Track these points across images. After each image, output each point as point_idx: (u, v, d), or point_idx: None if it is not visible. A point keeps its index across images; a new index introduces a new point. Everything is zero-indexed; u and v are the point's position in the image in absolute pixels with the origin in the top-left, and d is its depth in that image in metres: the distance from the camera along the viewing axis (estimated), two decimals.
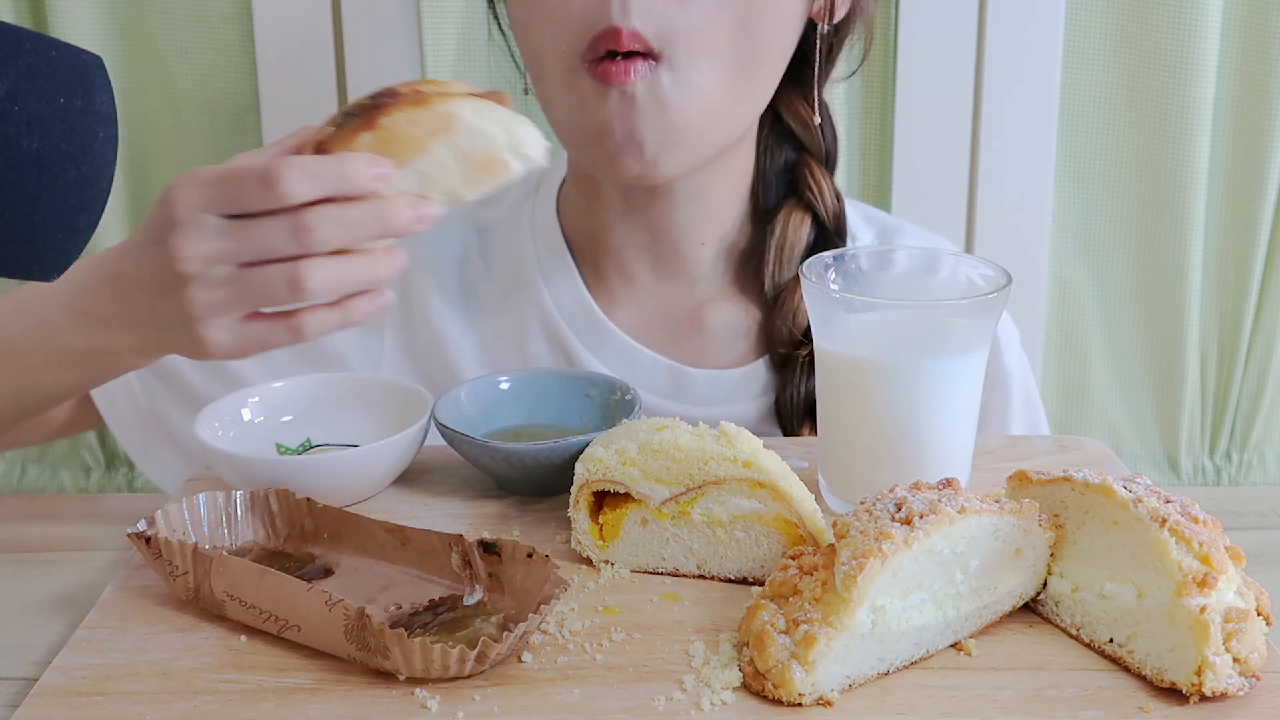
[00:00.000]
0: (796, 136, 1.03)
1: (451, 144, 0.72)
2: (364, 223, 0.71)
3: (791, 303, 1.00)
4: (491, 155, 0.73)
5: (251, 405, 0.88)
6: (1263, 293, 1.39)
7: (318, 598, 0.64)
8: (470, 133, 0.73)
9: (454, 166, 0.73)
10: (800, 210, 1.02)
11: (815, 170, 1.03)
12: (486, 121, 0.73)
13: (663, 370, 1.02)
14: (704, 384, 1.02)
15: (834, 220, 1.02)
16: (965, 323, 0.77)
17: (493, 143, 0.73)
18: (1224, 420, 1.44)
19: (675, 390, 1.02)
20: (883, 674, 0.64)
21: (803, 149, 1.03)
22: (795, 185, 1.03)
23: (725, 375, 1.02)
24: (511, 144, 0.73)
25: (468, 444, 0.81)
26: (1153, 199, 1.36)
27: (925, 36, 1.32)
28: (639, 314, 1.04)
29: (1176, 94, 1.30)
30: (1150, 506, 0.64)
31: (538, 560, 0.68)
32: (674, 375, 1.02)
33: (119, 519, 0.84)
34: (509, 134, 0.73)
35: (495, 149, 0.73)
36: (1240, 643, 0.61)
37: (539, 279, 1.04)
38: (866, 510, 0.65)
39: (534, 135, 0.75)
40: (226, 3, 1.32)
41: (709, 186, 0.98)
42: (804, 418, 1.00)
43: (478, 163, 0.73)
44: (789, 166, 1.03)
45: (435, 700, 0.62)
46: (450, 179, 0.73)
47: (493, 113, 0.74)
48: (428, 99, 0.73)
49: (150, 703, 0.62)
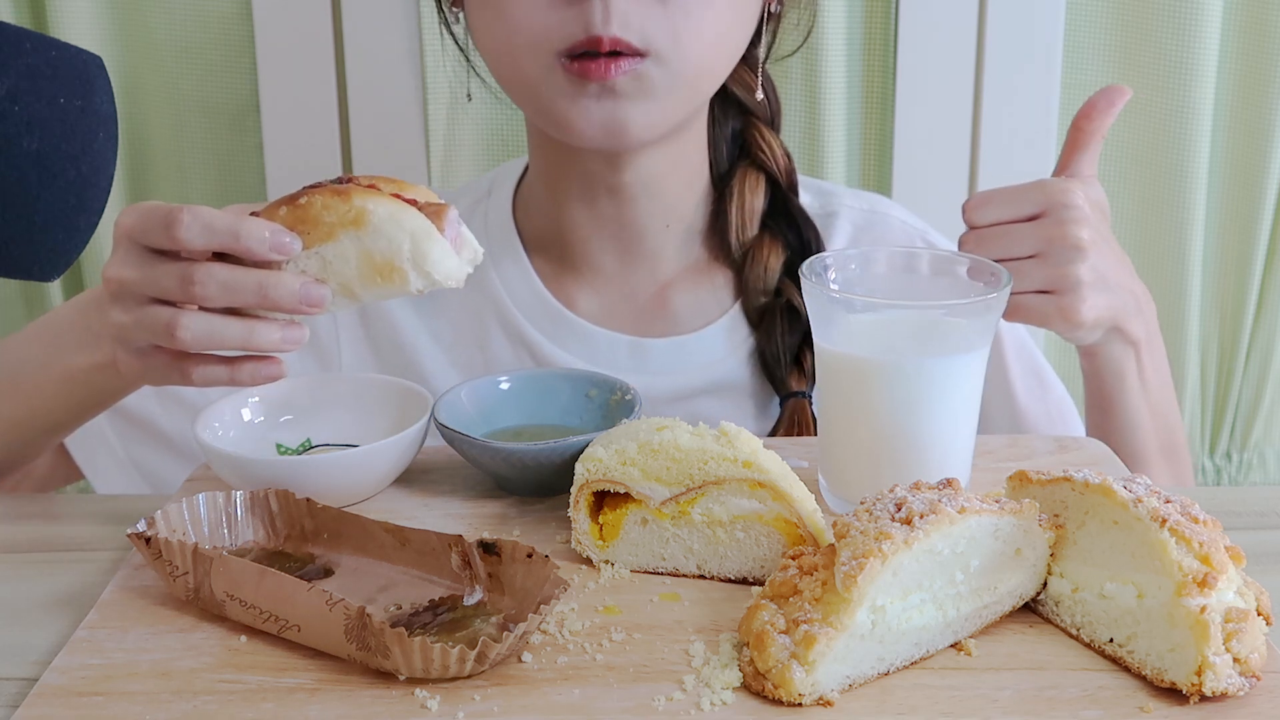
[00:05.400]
0: (742, 103, 1.06)
1: (358, 239, 0.72)
2: (245, 287, 0.72)
3: (761, 257, 1.03)
4: (392, 263, 0.72)
5: (251, 405, 0.88)
6: (1263, 293, 1.39)
7: (318, 598, 0.64)
8: (376, 234, 0.72)
9: (354, 262, 0.73)
10: (754, 170, 1.06)
11: (763, 131, 1.07)
12: (396, 228, 0.72)
13: (622, 347, 1.05)
14: (665, 353, 1.04)
15: (786, 176, 1.07)
16: (965, 323, 0.77)
17: (396, 251, 0.72)
18: (1224, 420, 1.44)
19: (637, 364, 1.04)
20: (883, 674, 0.64)
21: (748, 113, 1.07)
22: (746, 148, 1.07)
23: (687, 340, 1.05)
24: (415, 257, 0.73)
25: (468, 444, 0.81)
26: (1153, 199, 1.36)
27: (925, 36, 1.32)
28: (604, 300, 1.06)
29: (1176, 94, 1.30)
30: (1150, 506, 0.64)
31: (538, 560, 0.68)
32: (634, 349, 1.05)
33: (119, 519, 0.84)
34: (416, 247, 0.72)
35: (396, 257, 0.72)
36: (1240, 643, 0.61)
37: (494, 277, 1.06)
38: (866, 510, 0.65)
39: (446, 257, 0.74)
40: (226, 3, 1.32)
41: (668, 174, 1.01)
42: (791, 367, 1.02)
43: (377, 265, 0.73)
44: (736, 133, 1.07)
45: (435, 700, 0.62)
46: (348, 273, 0.73)
47: (410, 222, 0.73)
48: (348, 192, 0.73)
49: (150, 703, 0.62)
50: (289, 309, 0.73)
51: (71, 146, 0.58)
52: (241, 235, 0.71)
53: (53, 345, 0.86)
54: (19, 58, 0.56)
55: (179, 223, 0.72)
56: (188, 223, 0.72)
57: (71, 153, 0.58)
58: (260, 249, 0.72)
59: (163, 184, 1.39)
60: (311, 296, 0.72)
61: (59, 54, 0.58)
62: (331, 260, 0.73)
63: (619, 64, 0.87)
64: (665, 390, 1.03)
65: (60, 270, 0.62)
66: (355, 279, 0.73)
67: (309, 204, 0.73)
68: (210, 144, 1.37)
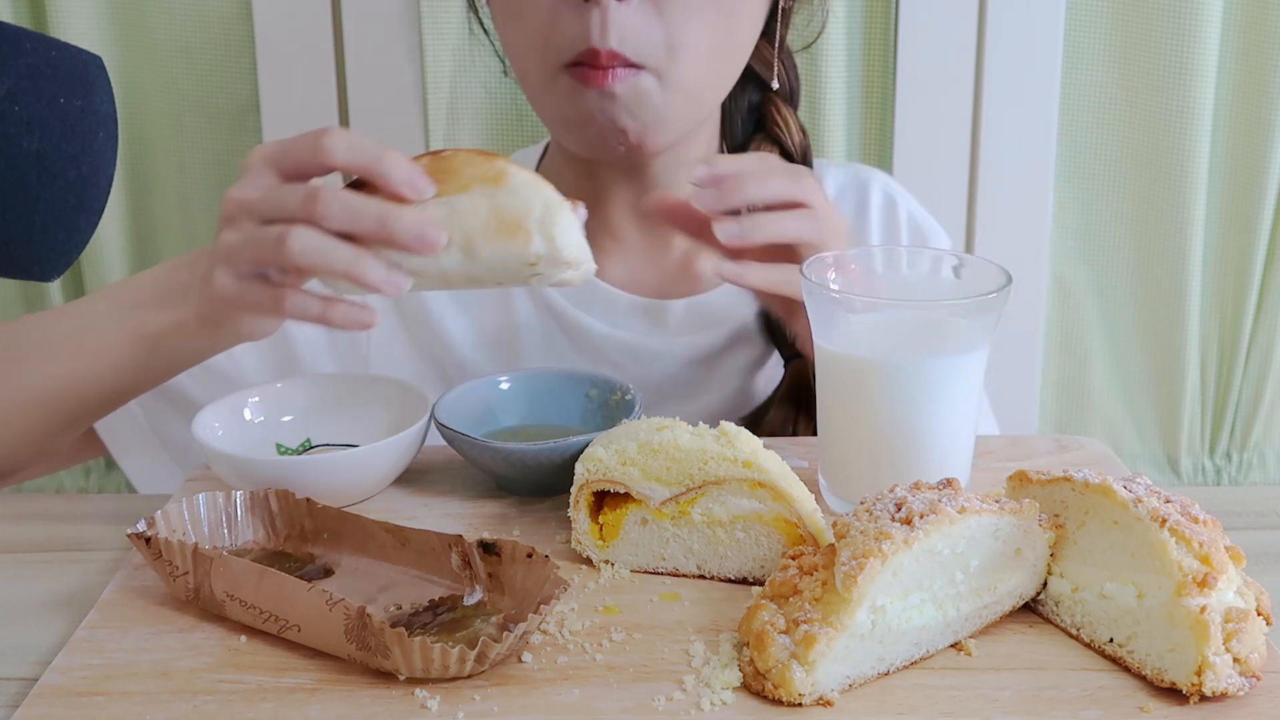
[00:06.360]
0: (760, 78, 1.07)
1: (491, 195, 0.73)
2: (367, 212, 0.72)
3: None
4: (520, 221, 0.73)
5: (251, 405, 0.88)
6: (1263, 293, 1.39)
7: (318, 598, 0.64)
8: (511, 193, 0.73)
9: (483, 215, 0.73)
10: (768, 144, 1.07)
11: (780, 107, 1.08)
12: (532, 192, 0.74)
13: (642, 309, 1.07)
14: (685, 312, 1.06)
15: (801, 154, 1.07)
16: (965, 323, 0.77)
17: (527, 211, 0.73)
18: (1224, 420, 1.44)
19: (657, 324, 1.06)
20: (883, 674, 0.64)
21: (766, 89, 1.08)
22: (762, 122, 1.08)
23: (706, 299, 1.07)
24: (544, 222, 0.73)
25: (468, 444, 0.81)
26: (1153, 199, 1.36)
27: (925, 36, 1.32)
28: (629, 266, 1.08)
29: (1176, 94, 1.31)
30: (1150, 506, 0.64)
31: (538, 560, 0.68)
32: (655, 311, 1.06)
33: (119, 519, 0.84)
34: (547, 213, 0.73)
35: (525, 218, 0.73)
36: (1240, 643, 0.61)
37: None
38: (866, 510, 0.65)
39: (572, 230, 0.75)
40: (226, 3, 1.32)
41: (687, 151, 1.02)
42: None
43: (505, 222, 0.73)
44: (754, 106, 1.08)
45: (435, 700, 0.62)
46: (474, 225, 0.73)
47: (546, 191, 0.74)
48: (493, 155, 0.75)
49: (150, 703, 0.62)
50: (404, 243, 0.72)
51: (71, 146, 0.58)
52: (385, 159, 0.73)
53: (128, 304, 0.85)
54: (19, 58, 0.56)
55: (328, 133, 0.74)
56: (337, 135, 0.74)
57: (71, 153, 0.58)
58: (399, 176, 0.73)
59: (163, 184, 1.39)
60: (428, 236, 0.72)
61: (59, 54, 0.58)
62: (461, 210, 0.73)
63: (616, 73, 0.89)
64: (687, 348, 1.06)
65: (60, 270, 0.62)
66: (480, 232, 0.73)
67: (451, 156, 0.75)
68: (210, 144, 1.37)
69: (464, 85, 1.33)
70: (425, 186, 0.73)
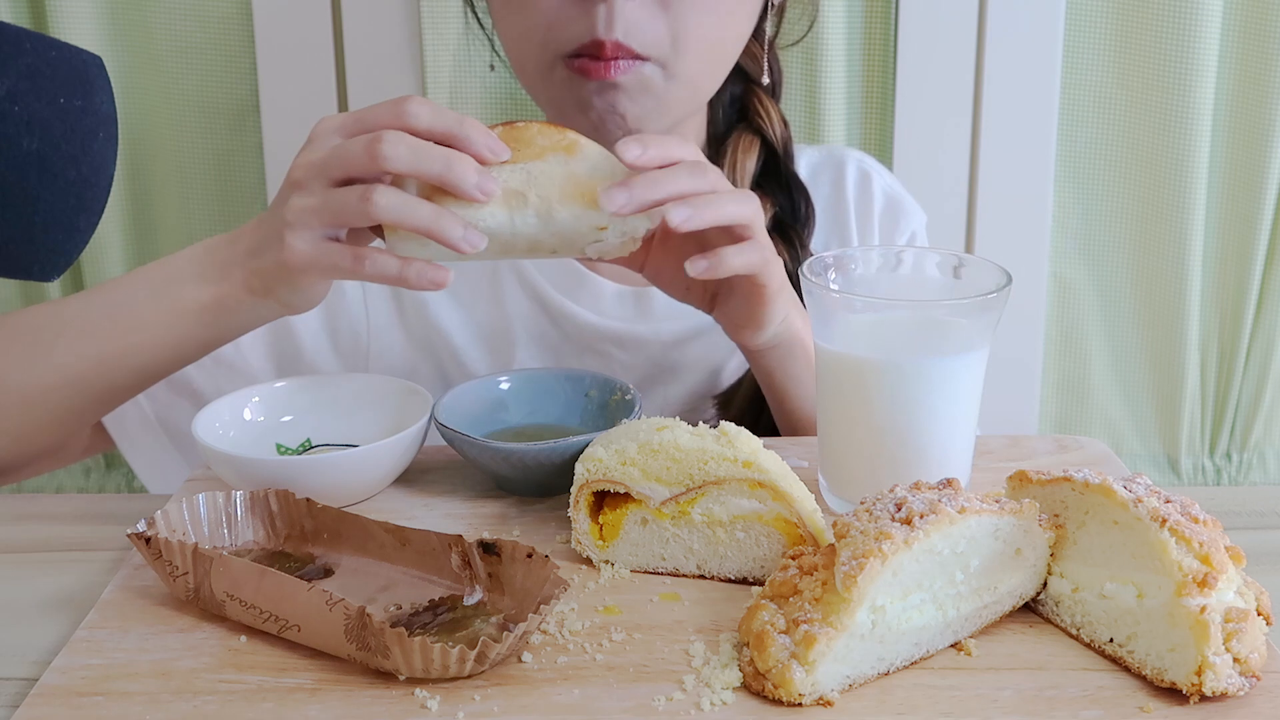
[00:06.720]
0: (744, 71, 1.08)
1: (566, 163, 0.78)
2: (433, 155, 0.75)
3: None
4: (595, 188, 0.77)
5: (252, 405, 0.88)
6: (1263, 293, 1.39)
7: (318, 598, 0.64)
8: (584, 160, 0.78)
9: (559, 180, 0.77)
10: (749, 134, 1.09)
11: (763, 99, 1.10)
12: (605, 160, 0.78)
13: (628, 297, 1.08)
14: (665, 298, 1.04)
15: (782, 144, 1.09)
16: (965, 323, 0.77)
17: (602, 178, 0.77)
18: (1224, 420, 1.44)
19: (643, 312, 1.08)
20: (883, 674, 0.64)
21: (749, 80, 1.09)
22: (744, 113, 1.10)
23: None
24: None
25: (468, 444, 0.81)
26: (1153, 198, 1.36)
27: (926, 37, 1.32)
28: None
29: (1176, 94, 1.31)
30: (1150, 506, 0.64)
31: (538, 560, 0.68)
32: (640, 298, 1.08)
33: (119, 519, 0.84)
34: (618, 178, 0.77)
35: (601, 184, 0.76)
36: (1240, 643, 0.61)
37: None
38: (866, 510, 0.65)
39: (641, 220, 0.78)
40: (226, 3, 1.32)
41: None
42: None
43: (581, 187, 0.77)
44: (736, 98, 1.10)
45: (435, 700, 0.62)
46: (551, 189, 0.77)
47: (614, 161, 0.78)
48: (565, 127, 0.79)
49: (150, 703, 0.62)
50: (467, 190, 0.75)
51: (71, 146, 0.58)
52: (466, 123, 0.76)
53: (167, 280, 0.85)
54: (19, 58, 0.56)
55: (411, 99, 0.76)
56: (420, 102, 0.76)
57: (71, 153, 0.58)
58: (479, 139, 0.76)
59: (163, 184, 1.39)
60: (487, 185, 0.75)
61: (59, 54, 0.58)
62: (537, 176, 0.77)
63: (618, 65, 0.91)
64: (672, 332, 1.07)
65: (60, 270, 0.62)
66: (556, 195, 0.77)
67: (525, 126, 0.78)
68: (210, 144, 1.37)
69: (464, 85, 1.33)
70: (502, 150, 0.76)
